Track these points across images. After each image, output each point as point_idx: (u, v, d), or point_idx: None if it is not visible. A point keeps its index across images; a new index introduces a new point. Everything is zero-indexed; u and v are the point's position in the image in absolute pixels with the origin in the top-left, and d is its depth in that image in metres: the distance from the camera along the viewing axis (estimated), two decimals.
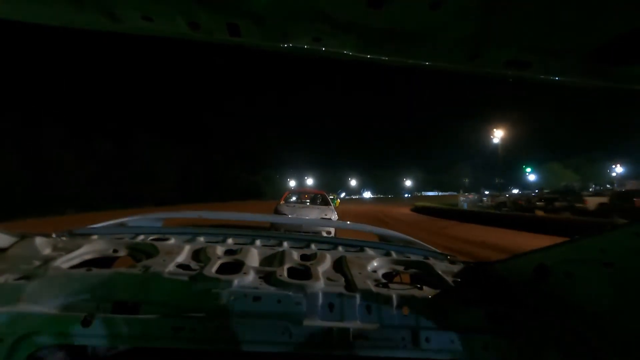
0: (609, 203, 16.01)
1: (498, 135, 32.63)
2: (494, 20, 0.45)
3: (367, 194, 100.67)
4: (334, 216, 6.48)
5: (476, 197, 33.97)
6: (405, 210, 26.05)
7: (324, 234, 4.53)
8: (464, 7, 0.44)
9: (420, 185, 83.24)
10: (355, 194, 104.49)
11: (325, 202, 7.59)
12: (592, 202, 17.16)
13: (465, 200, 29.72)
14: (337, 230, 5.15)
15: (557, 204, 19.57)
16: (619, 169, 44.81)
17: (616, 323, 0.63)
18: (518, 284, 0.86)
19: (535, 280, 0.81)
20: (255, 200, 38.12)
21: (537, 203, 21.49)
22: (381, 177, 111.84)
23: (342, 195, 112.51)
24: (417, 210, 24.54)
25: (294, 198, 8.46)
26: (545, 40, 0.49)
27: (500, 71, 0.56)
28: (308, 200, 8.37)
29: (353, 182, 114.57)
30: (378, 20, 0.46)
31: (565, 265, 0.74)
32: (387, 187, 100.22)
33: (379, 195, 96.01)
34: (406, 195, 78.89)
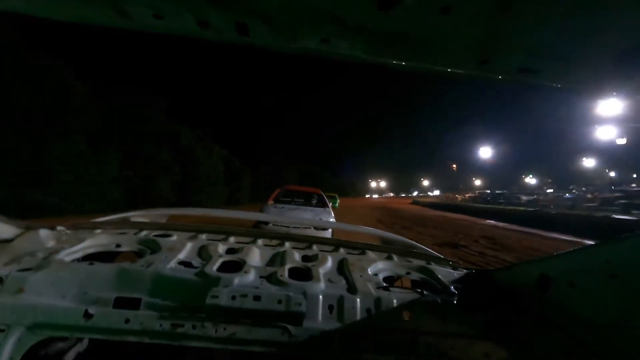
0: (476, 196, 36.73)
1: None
2: (505, 26, 0.45)
3: (436, 192, 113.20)
4: (331, 219, 5.77)
5: (442, 194, 55.58)
6: (407, 201, 47.29)
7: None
8: (474, 12, 0.43)
9: (488, 185, 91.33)
10: (424, 192, 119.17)
11: (322, 204, 6.72)
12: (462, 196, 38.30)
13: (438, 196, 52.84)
14: (338, 232, 4.77)
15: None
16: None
17: (623, 335, 0.61)
18: (520, 292, 0.85)
19: (537, 289, 0.79)
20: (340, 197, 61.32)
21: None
22: (451, 176, 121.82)
23: (415, 193, 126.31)
24: (414, 202, 44.79)
25: (285, 197, 7.10)
26: (557, 47, 0.48)
27: (510, 77, 0.55)
28: (301, 200, 7.16)
29: (425, 182, 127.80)
30: (387, 24, 0.46)
31: (569, 276, 0.72)
32: (456, 186, 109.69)
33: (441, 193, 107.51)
34: None
